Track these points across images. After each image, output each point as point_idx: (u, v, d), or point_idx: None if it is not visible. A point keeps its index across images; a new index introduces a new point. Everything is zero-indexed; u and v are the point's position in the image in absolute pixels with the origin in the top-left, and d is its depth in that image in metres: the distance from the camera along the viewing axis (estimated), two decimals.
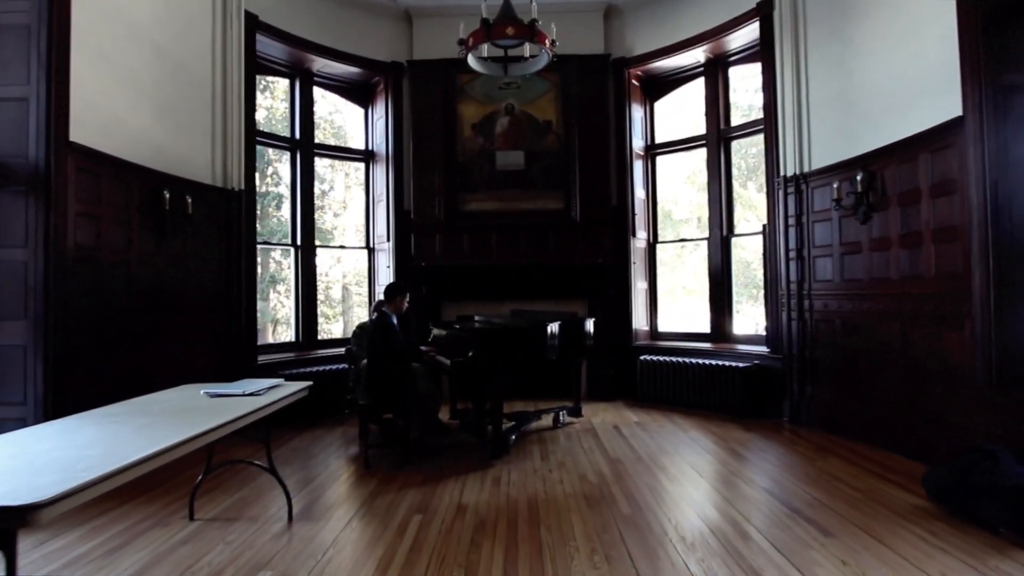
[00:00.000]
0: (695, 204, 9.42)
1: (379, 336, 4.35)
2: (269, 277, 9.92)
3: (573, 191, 6.49)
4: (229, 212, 5.11)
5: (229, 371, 5.01)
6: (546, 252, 6.44)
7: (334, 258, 10.79)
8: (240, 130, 5.24)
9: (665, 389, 6.05)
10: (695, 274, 10.12)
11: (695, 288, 9.85)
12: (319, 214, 11.34)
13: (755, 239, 6.85)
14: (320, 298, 11.16)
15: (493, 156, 6.52)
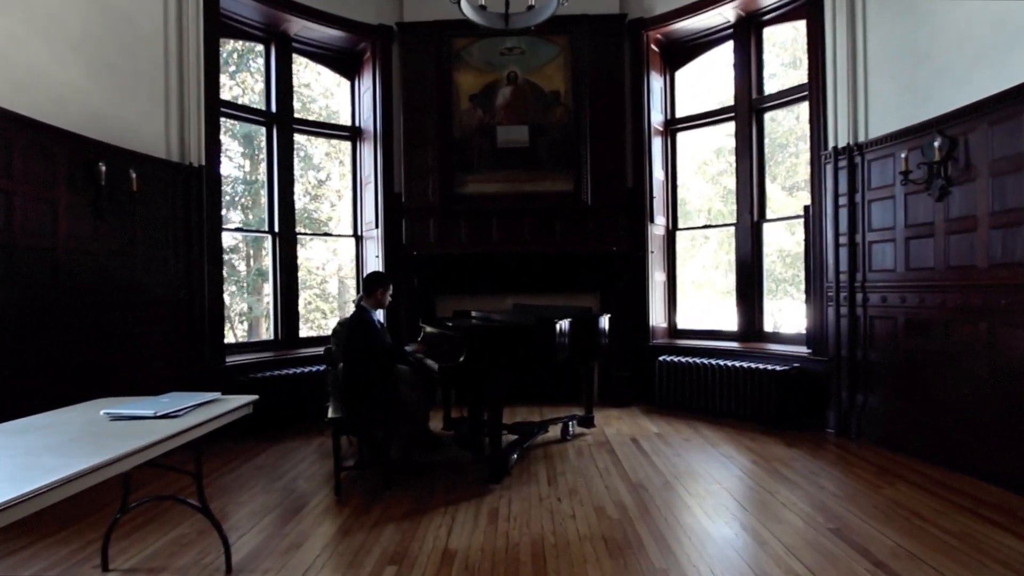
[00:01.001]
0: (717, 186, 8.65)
1: (355, 335, 3.63)
2: (256, 270, 9.26)
3: (584, 171, 5.73)
4: (188, 191, 4.39)
5: (189, 376, 4.31)
6: (553, 240, 5.69)
7: (330, 249, 10.11)
8: (199, 98, 4.51)
9: (687, 394, 5.30)
10: (718, 265, 9.34)
11: (719, 281, 9.13)
12: (315, 204, 10.69)
13: (780, 227, 6.09)
14: (315, 292, 10.55)
15: (494, 131, 5.77)
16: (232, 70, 8.52)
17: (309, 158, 9.89)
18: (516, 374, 3.42)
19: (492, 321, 4.14)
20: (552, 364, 3.58)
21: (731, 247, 9.59)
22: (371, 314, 3.75)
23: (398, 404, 3.68)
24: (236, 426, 4.63)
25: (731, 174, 9.01)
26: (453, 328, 3.74)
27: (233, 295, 8.87)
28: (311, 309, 10.07)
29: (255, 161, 9.64)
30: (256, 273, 9.09)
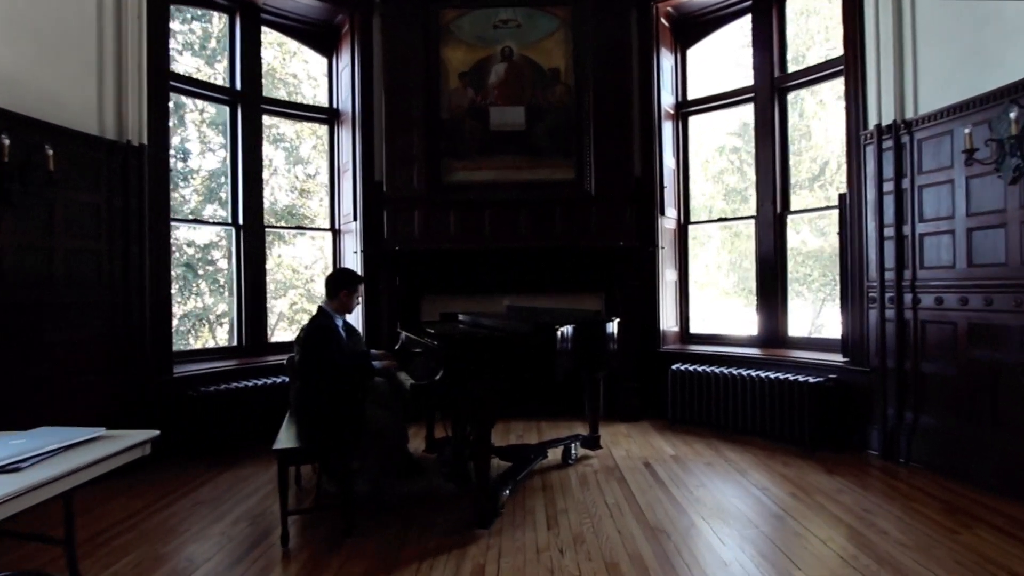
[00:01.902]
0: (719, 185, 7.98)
1: (311, 345, 2.96)
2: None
3: (587, 158, 5.06)
4: (126, 174, 3.71)
5: (126, 392, 3.64)
6: (553, 233, 5.02)
7: (317, 247, 9.41)
8: (141, 67, 3.83)
9: (705, 408, 4.63)
10: (720, 265, 8.65)
11: (721, 281, 8.45)
12: (303, 200, 9.98)
13: (804, 219, 5.46)
14: (301, 292, 9.83)
15: (486, 113, 5.10)
16: (210, 49, 7.84)
17: (294, 150, 9.22)
18: (507, 395, 2.73)
19: (480, 326, 3.46)
20: (551, 381, 2.90)
21: (733, 246, 8.93)
22: (334, 320, 3.07)
23: (365, 429, 3.00)
24: (184, 447, 3.90)
25: (732, 171, 8.39)
26: (432, 336, 3.06)
27: (212, 295, 8.19)
28: (296, 310, 9.39)
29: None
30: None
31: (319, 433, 2.83)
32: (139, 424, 3.59)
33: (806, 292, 8.22)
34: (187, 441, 3.88)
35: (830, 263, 7.26)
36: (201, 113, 7.81)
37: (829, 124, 6.54)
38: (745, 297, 8.73)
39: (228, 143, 4.89)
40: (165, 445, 3.58)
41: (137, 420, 3.65)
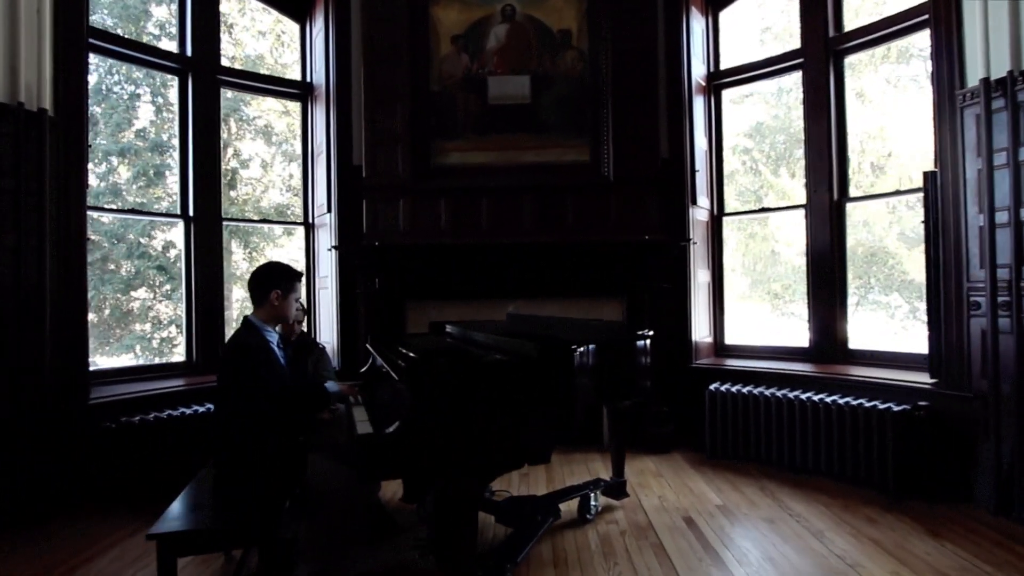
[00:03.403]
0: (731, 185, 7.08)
1: (228, 372, 2.08)
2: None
3: (604, 136, 4.17)
4: (21, 146, 2.85)
5: (18, 422, 2.77)
6: (563, 226, 4.13)
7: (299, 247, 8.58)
8: (49, 18, 2.99)
9: (751, 438, 3.71)
10: (734, 268, 7.77)
11: (736, 284, 7.52)
12: (296, 199, 9.09)
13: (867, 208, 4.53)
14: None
15: (484, 83, 4.22)
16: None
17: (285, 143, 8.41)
18: (500, 460, 1.82)
19: (470, 343, 2.56)
20: (567, 429, 1.99)
21: (747, 248, 7.97)
22: (263, 334, 2.19)
23: (310, 486, 2.12)
24: (101, 492, 2.97)
25: (745, 172, 7.47)
26: (402, 356, 2.16)
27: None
28: None
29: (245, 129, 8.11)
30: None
31: (238, 497, 1.95)
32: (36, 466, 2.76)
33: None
34: (104, 485, 3.01)
35: (864, 263, 6.34)
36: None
37: (889, 95, 5.62)
38: (770, 302, 7.81)
39: (177, 119, 4.03)
40: (75, 490, 2.84)
41: (35, 460, 2.79)
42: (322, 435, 2.42)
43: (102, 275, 7.09)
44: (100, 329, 7.60)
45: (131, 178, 7.25)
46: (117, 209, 6.36)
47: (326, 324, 4.32)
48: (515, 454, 1.87)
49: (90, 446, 2.98)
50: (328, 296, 4.28)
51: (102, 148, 7.10)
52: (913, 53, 6.58)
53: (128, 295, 7.62)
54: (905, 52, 6.57)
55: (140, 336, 7.57)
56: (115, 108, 7.27)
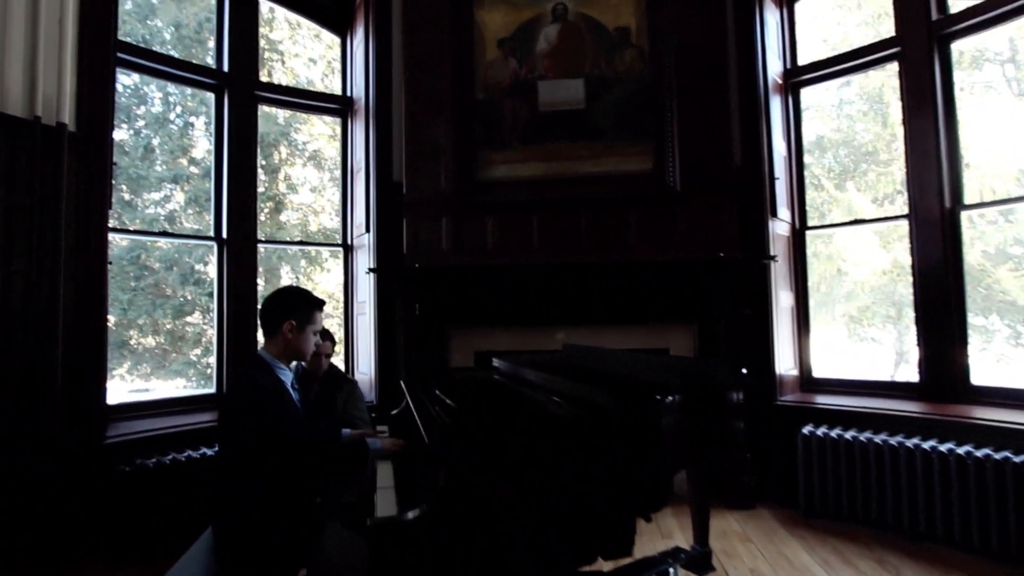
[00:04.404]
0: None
1: (230, 418, 1.66)
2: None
3: (669, 142, 3.63)
4: (36, 163, 2.60)
5: (25, 462, 2.45)
6: (624, 243, 3.60)
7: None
8: (73, 29, 2.77)
9: (858, 494, 3.00)
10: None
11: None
12: (326, 217, 8.88)
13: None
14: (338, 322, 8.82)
15: (534, 89, 3.78)
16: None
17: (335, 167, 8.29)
18: (564, 547, 1.29)
19: (522, 383, 2.06)
20: (651, 502, 1.45)
21: (812, 266, 7.18)
22: (275, 372, 1.77)
23: (325, 563, 1.65)
24: (106, 546, 2.51)
25: (807, 187, 6.70)
26: (438, 400, 1.68)
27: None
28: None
29: (293, 147, 8.05)
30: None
31: (238, 569, 1.51)
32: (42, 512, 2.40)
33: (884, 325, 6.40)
34: (114, 536, 2.65)
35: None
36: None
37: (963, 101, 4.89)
38: (847, 326, 6.94)
39: (213, 137, 3.79)
40: (84, 539, 2.47)
41: (40, 506, 2.45)
42: (346, 496, 1.96)
43: (155, 300, 7.07)
44: (156, 353, 7.59)
45: (184, 204, 7.26)
46: (140, 231, 6.28)
47: (363, 353, 3.92)
48: (583, 547, 1.34)
49: (102, 491, 2.63)
50: (366, 322, 3.88)
51: (157, 175, 7.14)
52: (988, 57, 5.80)
53: (183, 319, 7.59)
54: (980, 57, 5.80)
55: (192, 361, 7.50)
56: (171, 136, 7.33)
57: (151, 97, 7.54)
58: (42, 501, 2.45)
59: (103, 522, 2.61)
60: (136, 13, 7.26)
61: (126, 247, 6.64)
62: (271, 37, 7.92)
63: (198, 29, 7.24)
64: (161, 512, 2.70)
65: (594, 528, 1.33)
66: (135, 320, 7.01)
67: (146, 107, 7.46)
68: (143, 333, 7.29)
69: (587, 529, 1.32)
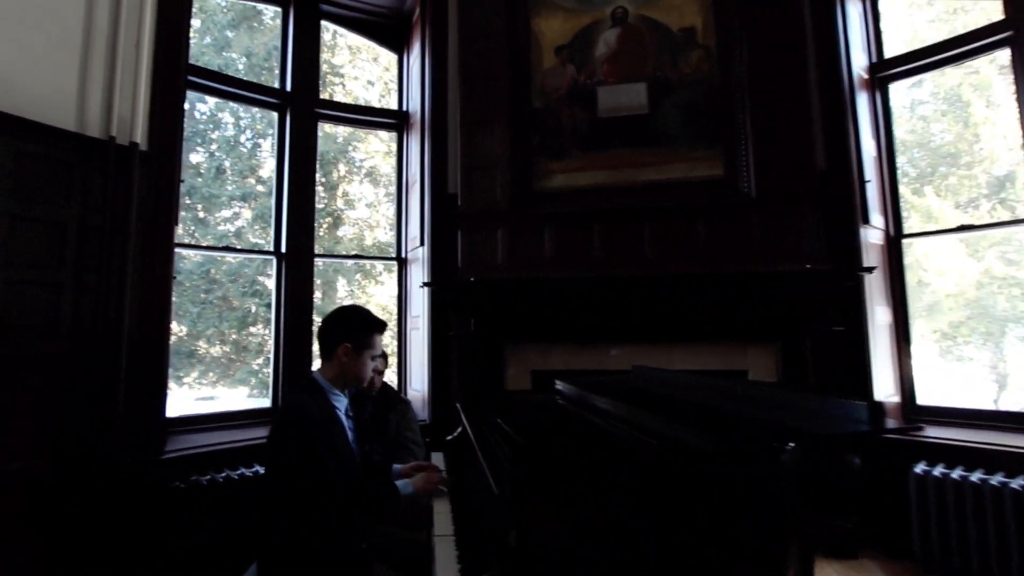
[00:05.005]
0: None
1: (276, 449, 1.51)
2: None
3: (742, 146, 3.32)
4: (109, 180, 2.63)
5: (82, 477, 2.43)
6: (693, 254, 3.29)
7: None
8: (147, 51, 2.82)
9: (991, 550, 2.53)
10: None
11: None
12: (381, 232, 8.95)
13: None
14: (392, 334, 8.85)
15: (593, 95, 3.57)
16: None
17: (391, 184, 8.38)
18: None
19: (592, 411, 1.82)
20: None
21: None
22: (328, 396, 1.62)
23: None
24: (157, 568, 2.37)
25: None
26: (499, 432, 1.47)
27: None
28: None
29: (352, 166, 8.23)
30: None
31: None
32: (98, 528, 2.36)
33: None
34: (166, 556, 2.58)
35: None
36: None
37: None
38: (938, 343, 6.22)
39: (275, 154, 3.81)
40: (136, 559, 2.38)
41: (96, 521, 2.42)
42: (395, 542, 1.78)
43: (221, 312, 7.32)
44: (222, 362, 7.85)
45: (251, 221, 7.51)
46: (206, 246, 6.48)
47: (417, 370, 3.78)
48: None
49: (157, 508, 2.58)
50: (419, 338, 3.75)
51: (227, 194, 7.44)
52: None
53: (246, 330, 7.82)
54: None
55: (254, 371, 7.69)
56: (240, 157, 7.63)
57: (224, 123, 7.92)
58: (100, 517, 2.42)
59: (156, 540, 2.55)
60: (213, 45, 7.68)
61: (197, 262, 6.92)
62: (333, 62, 8.16)
63: (266, 57, 7.55)
64: (211, 532, 2.62)
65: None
66: (203, 331, 7.26)
67: (220, 131, 7.83)
68: (210, 343, 7.56)
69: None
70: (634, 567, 1.02)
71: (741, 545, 1.14)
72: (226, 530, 2.63)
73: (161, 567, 2.53)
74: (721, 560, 1.10)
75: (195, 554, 2.57)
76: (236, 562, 2.39)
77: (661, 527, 1.10)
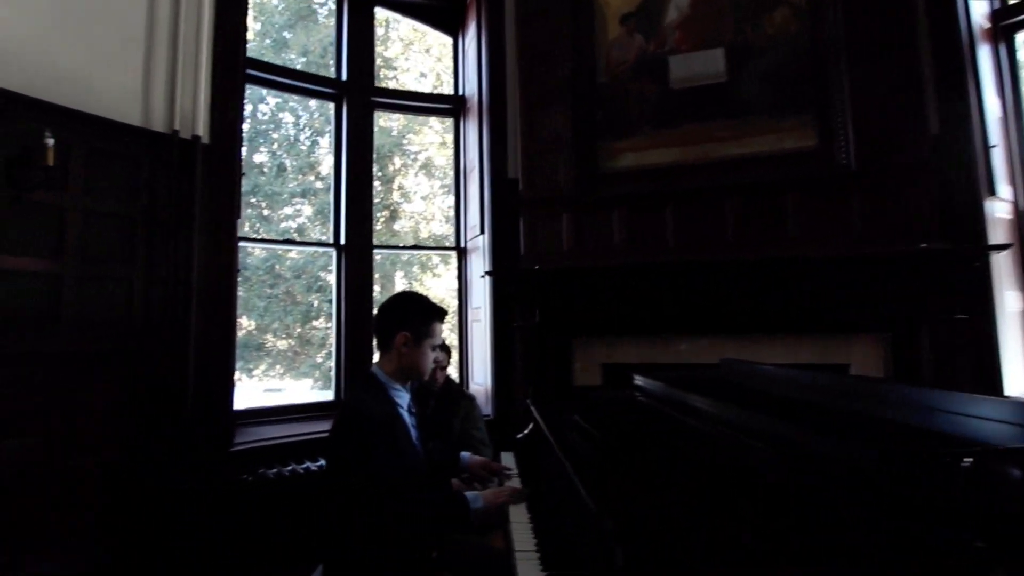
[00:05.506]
0: None
1: (335, 451, 1.40)
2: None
3: (838, 113, 2.94)
4: (172, 174, 2.63)
5: (149, 468, 2.46)
6: (781, 236, 2.96)
7: None
8: (208, 47, 2.81)
9: None
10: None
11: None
12: (436, 224, 8.92)
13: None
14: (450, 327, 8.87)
15: (664, 66, 3.29)
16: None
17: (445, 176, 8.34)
18: None
19: (683, 410, 1.59)
20: None
21: None
22: (388, 392, 1.49)
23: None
24: (223, 562, 2.29)
25: None
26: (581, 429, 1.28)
27: None
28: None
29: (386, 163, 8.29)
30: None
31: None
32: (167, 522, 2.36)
33: None
34: (232, 550, 2.58)
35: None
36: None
37: None
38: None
39: (332, 145, 3.77)
40: (204, 553, 2.38)
41: (166, 515, 2.44)
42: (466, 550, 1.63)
43: (286, 306, 7.53)
44: (288, 355, 8.11)
45: (312, 216, 7.68)
46: (268, 239, 6.63)
47: (479, 363, 3.66)
48: None
49: (226, 501, 2.58)
50: (481, 330, 3.62)
51: (289, 191, 7.63)
52: None
53: (309, 324, 8.04)
54: None
55: (317, 364, 7.90)
56: (299, 155, 7.81)
57: (284, 122, 8.13)
58: (171, 510, 2.44)
59: (224, 534, 2.55)
60: (272, 47, 7.89)
61: (262, 258, 7.13)
62: (385, 55, 8.20)
63: (322, 54, 7.66)
64: (278, 526, 2.60)
65: None
66: (270, 325, 7.50)
67: (280, 131, 8.05)
68: (277, 336, 7.81)
69: None
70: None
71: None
72: (292, 525, 2.59)
73: (232, 560, 2.53)
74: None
75: (263, 548, 2.55)
76: (304, 558, 2.34)
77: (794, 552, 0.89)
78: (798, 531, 0.94)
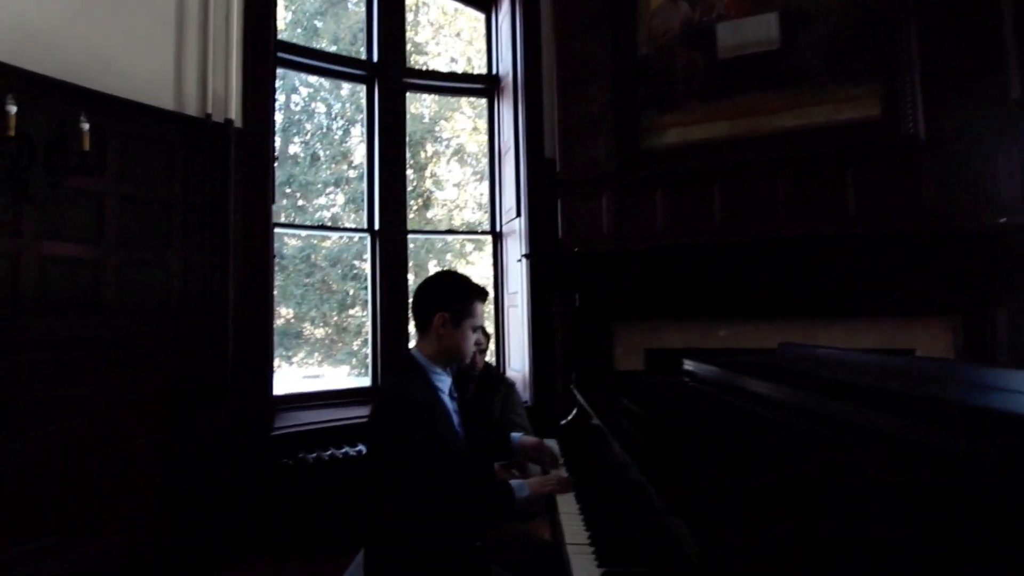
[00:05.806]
0: None
1: (382, 432, 1.33)
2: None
3: (906, 80, 2.70)
4: (206, 158, 2.62)
5: (189, 456, 2.48)
6: (840, 212, 2.76)
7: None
8: (239, 29, 2.78)
9: None
10: None
11: None
12: (483, 215, 8.89)
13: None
14: None
15: (711, 34, 3.09)
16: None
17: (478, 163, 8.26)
18: None
19: (741, 395, 1.47)
20: None
21: None
22: (429, 375, 1.42)
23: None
24: (264, 545, 2.33)
25: None
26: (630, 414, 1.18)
27: None
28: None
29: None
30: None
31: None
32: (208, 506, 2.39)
33: None
34: (273, 534, 2.59)
35: None
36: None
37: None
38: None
39: (364, 132, 3.72)
40: (245, 536, 2.43)
41: (207, 499, 2.46)
42: (509, 538, 1.56)
43: (322, 295, 7.64)
44: (325, 343, 8.24)
45: (344, 205, 7.73)
46: (302, 225, 6.69)
47: (516, 349, 3.58)
48: None
49: (267, 485, 2.59)
50: (518, 316, 3.54)
51: (322, 180, 7.69)
52: None
53: (346, 312, 8.14)
54: None
55: (354, 351, 8.00)
56: (332, 143, 7.85)
57: (317, 112, 8.18)
58: (211, 496, 2.45)
59: (266, 517, 2.56)
60: (303, 35, 7.92)
61: (298, 247, 7.22)
62: (416, 40, 8.13)
63: (352, 40, 7.65)
64: (317, 509, 2.59)
65: None
66: (307, 313, 7.62)
67: (313, 120, 8.11)
68: (314, 324, 7.94)
69: None
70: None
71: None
72: (333, 510, 2.59)
73: (275, 543, 2.54)
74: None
75: (306, 532, 2.56)
76: (345, 542, 2.33)
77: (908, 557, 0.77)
78: (910, 536, 0.82)
